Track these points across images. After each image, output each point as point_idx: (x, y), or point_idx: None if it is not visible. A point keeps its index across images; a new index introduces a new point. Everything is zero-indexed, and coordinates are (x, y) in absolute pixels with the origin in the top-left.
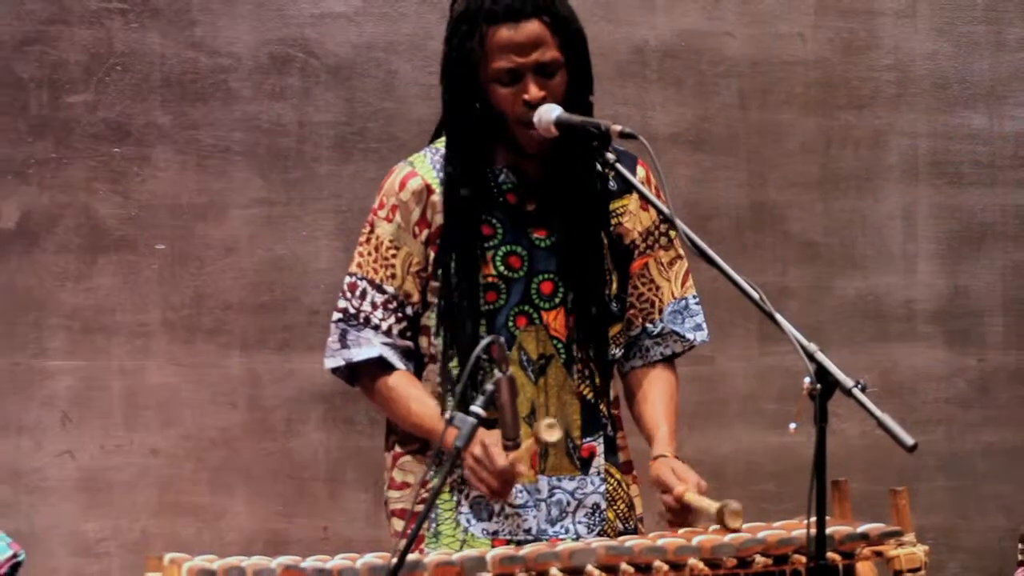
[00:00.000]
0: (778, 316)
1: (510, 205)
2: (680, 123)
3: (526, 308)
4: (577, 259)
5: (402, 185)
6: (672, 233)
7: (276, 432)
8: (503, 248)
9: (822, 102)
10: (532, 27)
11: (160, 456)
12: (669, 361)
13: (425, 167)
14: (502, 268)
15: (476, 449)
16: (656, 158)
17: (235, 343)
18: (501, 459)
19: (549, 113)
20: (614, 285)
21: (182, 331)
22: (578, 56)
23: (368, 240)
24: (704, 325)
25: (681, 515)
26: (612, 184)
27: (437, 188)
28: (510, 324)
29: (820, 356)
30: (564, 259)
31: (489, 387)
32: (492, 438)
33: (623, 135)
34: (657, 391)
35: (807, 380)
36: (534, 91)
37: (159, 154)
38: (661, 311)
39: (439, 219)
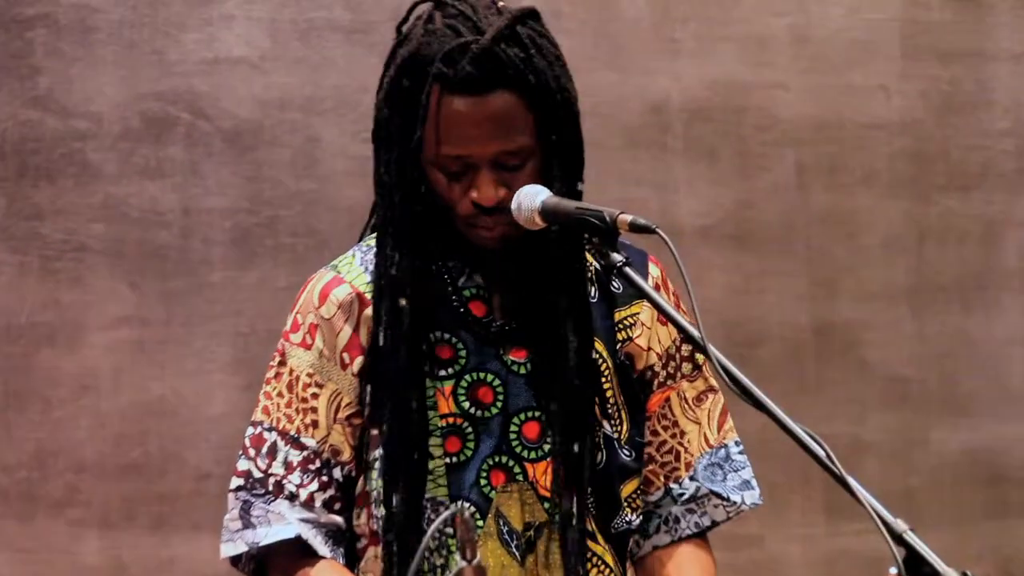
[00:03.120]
0: (852, 481)
1: (476, 318)
2: (715, 210)
3: (504, 460)
4: (568, 390)
5: (323, 296)
6: (700, 357)
7: None
8: (468, 376)
9: (912, 180)
10: (499, 103)
11: None
12: (704, 536)
13: (355, 271)
14: (467, 404)
15: None
16: (681, 259)
17: (92, 519)
18: None
19: (532, 198)
20: (624, 425)
21: (18, 502)
22: (563, 136)
23: (279, 375)
24: (754, 483)
25: None
26: (616, 286)
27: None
28: (482, 482)
29: (911, 537)
30: (551, 390)
31: None
32: None
33: (635, 227)
34: None
35: (893, 572)
36: (488, 192)
37: None
38: (690, 465)
39: None
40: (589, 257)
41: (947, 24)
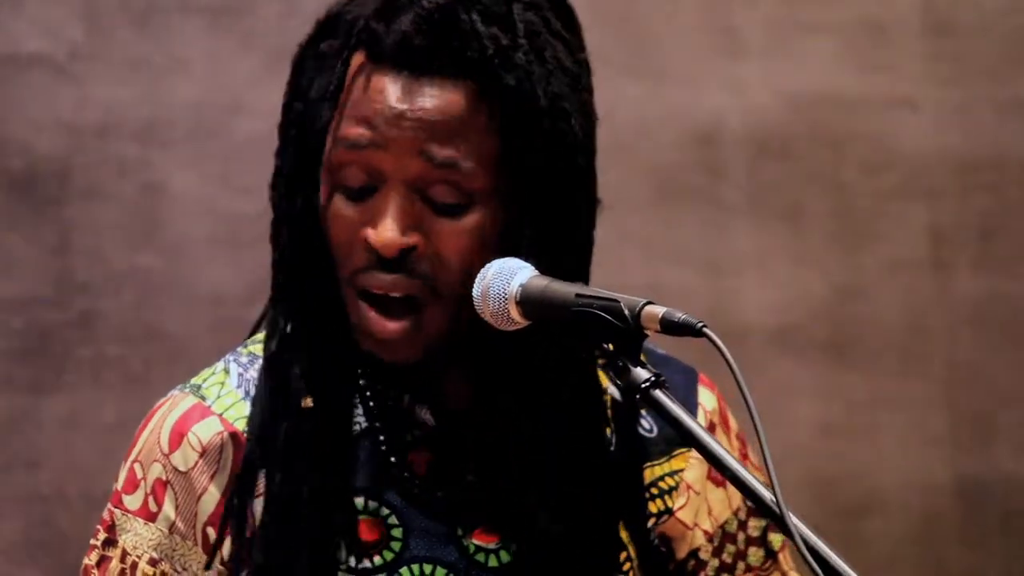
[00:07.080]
0: None
1: (419, 479)
2: (798, 302)
3: None
4: None
5: (177, 437)
6: (776, 538)
7: None
8: (406, 570)
9: None
10: (442, 96)
11: None
12: None
13: (228, 397)
14: None
15: None
16: (743, 376)
17: None
18: None
19: (505, 279)
20: None
21: None
22: (548, 181)
23: (104, 561)
24: None
25: None
26: (647, 426)
27: None
28: None
29: None
30: None
31: None
32: None
33: (670, 326)
34: None
35: None
36: (386, 232)
37: None
38: None
39: (259, 506)
40: (603, 378)
41: None
